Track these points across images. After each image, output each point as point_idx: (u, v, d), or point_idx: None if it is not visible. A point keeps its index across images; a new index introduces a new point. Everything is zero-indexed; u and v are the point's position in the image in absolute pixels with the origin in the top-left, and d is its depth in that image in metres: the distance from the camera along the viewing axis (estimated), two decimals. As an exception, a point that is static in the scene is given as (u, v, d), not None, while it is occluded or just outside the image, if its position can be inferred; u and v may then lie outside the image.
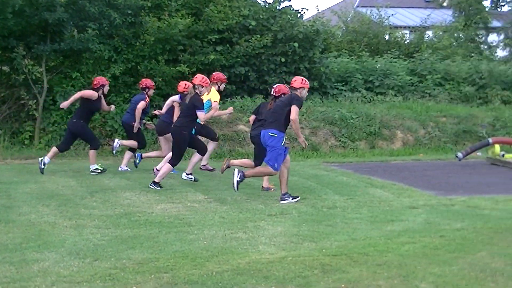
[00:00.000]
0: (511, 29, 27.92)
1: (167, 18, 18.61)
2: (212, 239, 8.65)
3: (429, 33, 29.19)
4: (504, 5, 41.14)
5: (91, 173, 14.34)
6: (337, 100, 20.70)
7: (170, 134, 13.34)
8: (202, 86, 12.89)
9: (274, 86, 12.74)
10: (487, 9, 35.08)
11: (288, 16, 20.36)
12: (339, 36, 25.87)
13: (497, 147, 17.21)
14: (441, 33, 29.00)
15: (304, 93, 11.80)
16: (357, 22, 26.75)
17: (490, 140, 17.24)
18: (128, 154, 15.27)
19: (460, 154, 16.63)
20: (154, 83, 15.62)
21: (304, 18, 22.11)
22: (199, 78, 13.03)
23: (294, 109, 11.31)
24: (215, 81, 14.02)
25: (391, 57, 23.21)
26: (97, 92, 14.50)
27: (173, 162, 12.73)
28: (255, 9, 20.25)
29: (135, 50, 18.87)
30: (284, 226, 9.51)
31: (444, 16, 32.68)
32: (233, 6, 19.98)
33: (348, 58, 22.82)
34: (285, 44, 19.90)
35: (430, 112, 20.48)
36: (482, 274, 7.27)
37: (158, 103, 17.79)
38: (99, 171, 14.47)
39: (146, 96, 14.97)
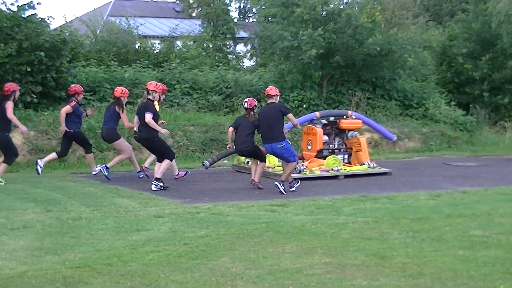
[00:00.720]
0: (257, 39, 28.89)
1: None
2: None
3: (179, 43, 29.58)
4: (251, 16, 42.58)
5: None
6: (85, 110, 20.40)
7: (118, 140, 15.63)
8: (156, 92, 14.54)
9: (246, 100, 15.17)
10: (235, 20, 36.11)
11: (34, 25, 19.82)
12: (88, 46, 25.58)
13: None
14: (190, 43, 29.48)
15: (278, 99, 14.97)
16: (106, 31, 26.60)
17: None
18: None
19: (207, 162, 16.94)
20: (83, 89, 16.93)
21: (51, 27, 21.61)
22: (153, 84, 14.71)
23: (291, 117, 14.78)
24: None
25: (140, 67, 23.26)
26: (10, 99, 14.61)
27: (170, 157, 14.66)
28: (-1, 17, 19.57)
29: None
30: (27, 240, 9.27)
31: (193, 26, 33.28)
32: (-27, 14, 19.15)
33: (96, 68, 22.59)
34: (31, 53, 19.32)
35: (179, 121, 20.71)
36: (223, 279, 7.49)
37: None
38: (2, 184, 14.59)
39: (74, 101, 16.17)
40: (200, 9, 35.69)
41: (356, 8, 25.80)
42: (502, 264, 8.14)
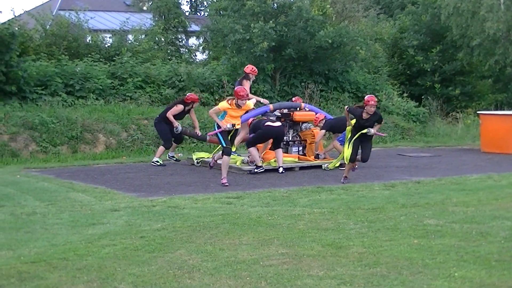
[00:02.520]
0: (209, 33, 28.84)
1: None
2: None
3: (130, 36, 29.34)
4: (202, 10, 42.44)
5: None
6: (37, 104, 20.23)
7: None
8: None
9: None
10: (187, 14, 35.94)
11: (-18, 19, 19.57)
12: (37, 40, 25.26)
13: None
14: (141, 36, 29.28)
15: None
16: (56, 25, 26.29)
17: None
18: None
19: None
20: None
21: (-1, 21, 21.32)
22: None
23: None
24: None
25: (92, 61, 23.03)
26: (184, 105, 17.46)
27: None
28: None
29: None
30: (-20, 236, 9.16)
31: (144, 19, 33.02)
32: None
33: (47, 62, 22.32)
34: (-21, 47, 19.08)
35: (132, 115, 20.61)
36: (180, 271, 7.47)
37: None
38: (159, 164, 17.18)
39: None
40: (150, 2, 35.41)
41: (307, 0, 25.84)
42: (456, 252, 8.25)
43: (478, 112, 23.71)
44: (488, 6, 25.76)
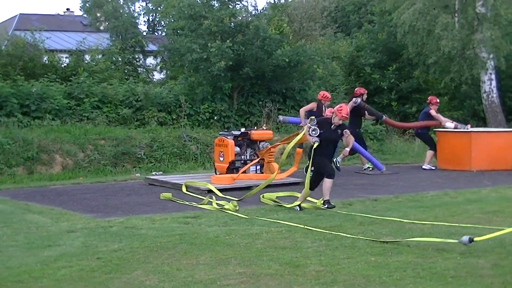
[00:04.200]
0: (166, 52, 28.80)
1: None
2: None
3: (87, 56, 29.18)
4: (160, 29, 42.37)
5: None
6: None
7: None
8: None
9: None
10: (144, 33, 35.89)
11: None
12: (-8, 60, 25.00)
13: None
14: (98, 56, 29.14)
15: None
16: (12, 45, 26.06)
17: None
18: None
19: None
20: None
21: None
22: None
23: None
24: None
25: (48, 81, 22.87)
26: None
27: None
28: None
29: None
30: None
31: (101, 39, 32.89)
32: None
33: (2, 82, 22.08)
34: None
35: (89, 135, 20.47)
36: (136, 292, 7.43)
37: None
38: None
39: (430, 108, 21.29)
40: (107, 22, 35.27)
41: (264, 20, 25.93)
42: (413, 269, 8.30)
43: (434, 129, 23.91)
44: (443, 25, 26.01)
